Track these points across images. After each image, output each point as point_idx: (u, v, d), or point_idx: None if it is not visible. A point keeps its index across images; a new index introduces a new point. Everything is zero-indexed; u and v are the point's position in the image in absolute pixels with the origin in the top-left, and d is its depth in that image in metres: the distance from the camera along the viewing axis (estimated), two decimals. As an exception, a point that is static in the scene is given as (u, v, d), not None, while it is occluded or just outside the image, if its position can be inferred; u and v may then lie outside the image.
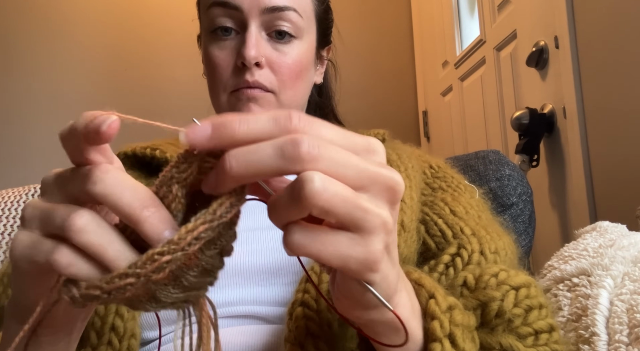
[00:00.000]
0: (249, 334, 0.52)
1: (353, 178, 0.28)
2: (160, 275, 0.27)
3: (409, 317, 0.36)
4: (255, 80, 0.65)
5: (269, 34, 0.67)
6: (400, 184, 0.30)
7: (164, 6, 2.40)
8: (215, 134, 0.27)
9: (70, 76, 2.33)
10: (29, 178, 1.95)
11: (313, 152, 0.27)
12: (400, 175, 0.30)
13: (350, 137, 0.30)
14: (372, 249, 0.28)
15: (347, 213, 0.27)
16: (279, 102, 0.68)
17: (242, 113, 0.28)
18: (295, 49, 0.68)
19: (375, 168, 0.29)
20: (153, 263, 0.27)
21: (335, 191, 0.27)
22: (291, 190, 0.27)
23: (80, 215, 0.28)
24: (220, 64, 0.67)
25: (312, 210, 0.27)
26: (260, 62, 0.66)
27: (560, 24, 1.41)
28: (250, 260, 0.56)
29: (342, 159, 0.28)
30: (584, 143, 1.35)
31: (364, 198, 0.28)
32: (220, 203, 0.28)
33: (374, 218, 0.28)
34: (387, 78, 2.49)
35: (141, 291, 0.28)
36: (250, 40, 0.65)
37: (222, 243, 0.29)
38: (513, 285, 0.46)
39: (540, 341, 0.45)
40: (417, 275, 0.41)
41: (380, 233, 0.29)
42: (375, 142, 0.31)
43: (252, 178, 0.27)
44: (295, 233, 0.28)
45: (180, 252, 0.27)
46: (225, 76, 0.67)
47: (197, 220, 0.27)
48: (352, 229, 0.28)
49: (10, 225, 1.00)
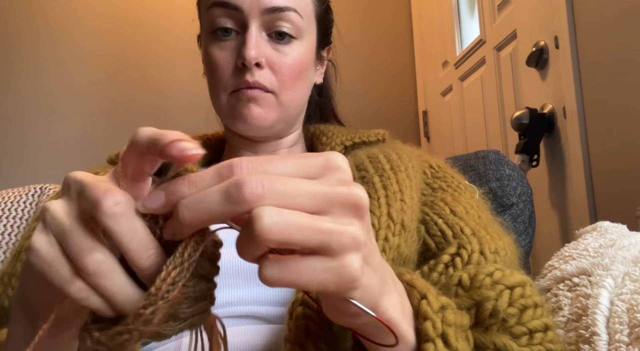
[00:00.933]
0: (249, 334, 0.52)
1: (309, 205, 0.28)
2: (150, 327, 0.28)
3: (400, 319, 0.36)
4: (255, 81, 0.65)
5: (269, 35, 0.67)
6: (361, 197, 0.30)
7: (163, 6, 2.40)
8: (168, 200, 0.29)
9: (70, 76, 2.33)
10: (29, 178, 1.96)
11: (257, 191, 0.27)
12: (361, 188, 0.30)
13: (303, 162, 0.30)
14: (348, 269, 0.29)
15: (308, 240, 0.28)
16: (279, 102, 0.68)
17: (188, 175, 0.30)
18: (295, 50, 0.68)
19: (330, 188, 0.29)
20: (140, 317, 0.28)
21: (288, 221, 0.27)
22: (245, 229, 0.28)
23: (91, 254, 0.29)
24: (220, 64, 0.67)
25: (268, 244, 0.27)
26: (261, 62, 0.66)
27: (560, 24, 1.41)
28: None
29: (291, 189, 0.28)
30: (584, 143, 1.35)
31: (325, 220, 0.28)
32: (185, 246, 0.29)
33: (341, 237, 0.28)
34: (387, 78, 2.49)
35: (145, 336, 0.30)
36: (251, 41, 0.65)
37: (199, 272, 0.31)
38: (508, 285, 0.46)
39: (535, 341, 0.45)
40: (409, 277, 0.41)
41: (351, 250, 0.29)
42: (335, 158, 0.31)
43: (205, 224, 0.29)
44: (267, 268, 0.28)
45: (161, 300, 0.28)
46: (226, 76, 0.67)
47: (168, 266, 0.29)
48: (321, 253, 0.28)
49: (10, 225, 1.00)
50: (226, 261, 0.56)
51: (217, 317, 0.33)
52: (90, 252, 0.29)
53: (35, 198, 1.05)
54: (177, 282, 0.29)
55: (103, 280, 0.29)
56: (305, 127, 0.79)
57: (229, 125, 0.72)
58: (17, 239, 0.99)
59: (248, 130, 0.69)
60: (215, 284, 0.32)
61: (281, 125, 0.71)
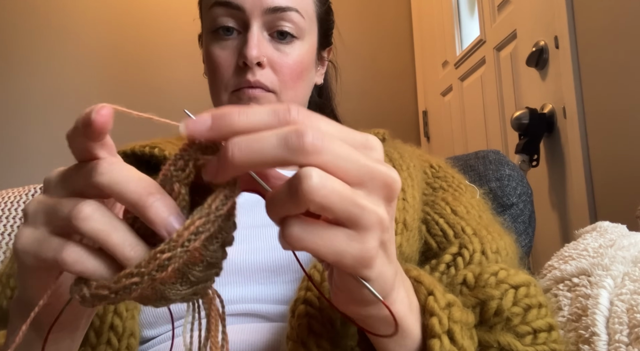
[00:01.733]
0: (250, 332, 0.52)
1: (353, 173, 0.28)
2: (164, 274, 0.27)
3: (406, 314, 0.36)
4: (256, 80, 0.66)
5: (271, 34, 0.67)
6: (397, 181, 0.30)
7: (164, 6, 2.40)
8: (215, 125, 0.28)
9: (70, 76, 2.33)
10: (29, 178, 1.96)
11: (317, 143, 0.27)
12: (397, 172, 0.30)
13: (349, 133, 0.30)
14: (367, 246, 0.29)
15: (344, 210, 0.28)
16: (280, 102, 0.68)
17: (241, 106, 0.29)
18: (296, 50, 0.68)
19: (374, 164, 0.29)
20: (155, 260, 0.27)
21: (333, 188, 0.27)
22: (289, 186, 0.27)
23: (86, 204, 0.29)
24: (221, 63, 0.67)
25: (309, 205, 0.27)
26: (262, 62, 0.66)
27: (560, 24, 1.42)
28: (250, 258, 0.56)
29: (344, 153, 0.28)
30: (584, 143, 1.35)
31: (360, 195, 0.28)
32: (214, 197, 0.28)
33: (370, 215, 0.28)
34: (387, 78, 2.49)
35: (149, 291, 0.29)
36: (252, 40, 0.65)
37: (224, 236, 0.30)
38: (512, 284, 0.46)
39: (539, 340, 0.45)
40: (416, 273, 0.42)
41: (375, 230, 0.29)
42: (373, 139, 0.31)
43: (254, 167, 0.28)
44: (293, 226, 0.28)
45: (180, 248, 0.27)
46: (227, 76, 0.68)
47: (194, 215, 0.28)
48: (348, 225, 0.28)
49: (10, 225, 1.00)
50: (226, 259, 0.57)
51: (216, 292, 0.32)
52: (84, 201, 0.29)
53: (36, 198, 1.05)
54: (200, 233, 0.27)
55: (97, 223, 0.28)
56: None
57: None
58: (17, 239, 0.99)
59: None
60: (227, 254, 0.31)
61: None
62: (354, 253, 0.29)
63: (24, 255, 0.30)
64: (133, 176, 0.29)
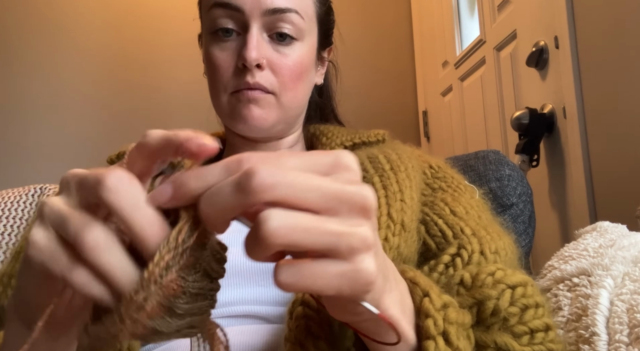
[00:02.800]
0: (248, 334, 0.52)
1: (317, 202, 0.28)
2: (142, 314, 0.28)
3: (399, 317, 0.36)
4: (256, 82, 0.65)
5: (270, 36, 0.67)
6: (369, 198, 0.29)
7: (163, 6, 2.40)
8: (176, 194, 0.29)
9: (70, 76, 2.33)
10: (29, 178, 1.96)
11: (267, 181, 0.27)
12: (369, 188, 0.30)
13: (315, 159, 0.30)
14: (362, 271, 0.28)
15: (314, 242, 0.27)
16: (280, 103, 0.68)
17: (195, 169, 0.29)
18: (296, 51, 0.68)
19: (340, 187, 0.29)
20: (132, 303, 0.27)
21: (295, 224, 0.27)
22: (253, 232, 0.27)
23: (91, 230, 0.29)
24: (221, 65, 0.67)
25: (275, 248, 0.27)
26: (261, 63, 0.66)
27: (560, 24, 1.42)
28: (249, 259, 0.56)
29: (302, 183, 0.28)
30: (584, 143, 1.35)
31: (332, 222, 0.28)
32: (178, 230, 0.29)
33: (350, 239, 0.28)
34: (387, 78, 2.49)
35: (141, 330, 0.29)
36: (252, 42, 0.65)
37: (202, 265, 0.30)
38: (509, 284, 0.46)
39: (536, 340, 0.45)
40: (412, 274, 0.41)
41: (362, 252, 0.28)
42: (345, 157, 0.30)
43: (224, 216, 0.28)
44: (282, 273, 0.28)
45: (154, 285, 0.27)
46: (226, 77, 0.67)
47: (162, 250, 0.28)
48: (332, 255, 0.28)
49: (10, 225, 1.00)
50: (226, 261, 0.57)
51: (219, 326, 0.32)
52: (90, 228, 0.29)
53: (35, 199, 1.05)
54: (170, 267, 0.28)
55: (103, 256, 0.28)
56: (305, 127, 0.79)
57: (229, 126, 0.72)
58: (17, 239, 0.99)
59: (248, 131, 0.69)
60: (219, 286, 0.31)
61: (281, 126, 0.71)
62: (350, 283, 0.28)
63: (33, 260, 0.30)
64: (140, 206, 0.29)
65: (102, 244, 0.29)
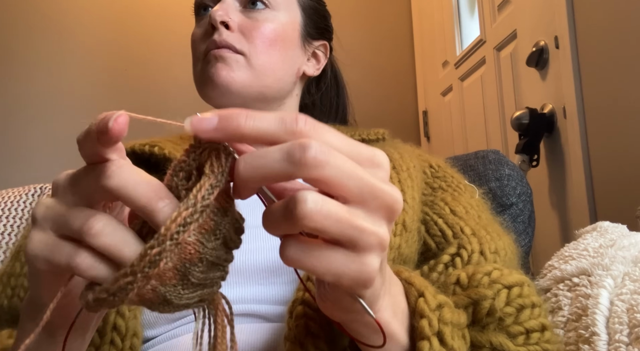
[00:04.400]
0: (248, 333, 0.52)
1: (354, 191, 0.28)
2: (156, 270, 0.27)
3: (390, 319, 0.36)
4: (222, 39, 0.65)
5: (244, 6, 0.68)
6: (399, 202, 0.29)
7: (164, 6, 2.40)
8: (221, 126, 0.27)
9: (71, 76, 2.33)
10: (29, 178, 1.96)
11: (320, 158, 0.26)
12: (400, 192, 0.30)
13: (356, 147, 0.29)
14: (367, 268, 0.28)
15: (341, 233, 0.27)
16: (250, 65, 0.66)
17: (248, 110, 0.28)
18: (269, 18, 0.68)
19: (378, 183, 0.29)
20: (145, 257, 0.27)
21: (329, 211, 0.27)
22: (285, 207, 0.27)
23: (97, 219, 0.29)
24: (196, 38, 0.69)
25: (304, 229, 0.27)
26: (227, 22, 0.66)
27: (561, 24, 1.41)
28: (249, 258, 0.56)
29: (348, 169, 0.28)
30: (584, 143, 1.35)
31: (360, 216, 0.28)
32: (199, 187, 0.28)
33: (370, 237, 0.28)
34: (387, 78, 2.49)
35: (150, 294, 0.28)
36: (221, 4, 0.66)
37: (222, 232, 0.29)
38: (505, 284, 0.46)
39: (532, 341, 0.44)
40: (407, 274, 0.42)
41: (375, 251, 0.29)
42: (381, 155, 0.30)
43: (260, 181, 0.28)
44: (291, 247, 0.28)
45: (169, 241, 0.27)
46: (199, 47, 0.68)
47: (180, 207, 0.27)
48: (347, 246, 0.28)
49: (10, 225, 1.00)
50: None
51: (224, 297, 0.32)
52: (95, 216, 0.29)
53: (35, 198, 1.05)
54: (187, 224, 0.27)
55: (109, 238, 0.28)
56: None
57: (202, 97, 0.70)
58: (17, 239, 1.00)
59: (217, 96, 0.66)
60: (233, 258, 0.31)
61: (255, 94, 0.67)
62: (353, 275, 0.28)
63: (35, 260, 0.30)
64: (142, 180, 0.29)
65: (107, 229, 0.28)
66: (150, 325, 0.54)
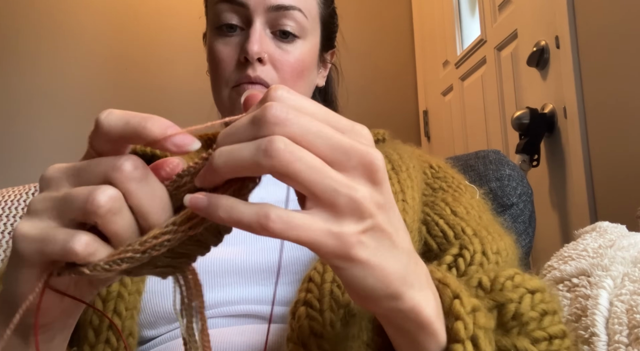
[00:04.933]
0: (250, 333, 0.52)
1: (325, 150, 0.27)
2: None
3: (435, 318, 0.35)
4: (257, 76, 0.66)
5: (274, 33, 0.68)
6: (378, 159, 0.29)
7: (165, 5, 2.40)
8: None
9: (72, 75, 2.33)
10: (29, 177, 1.95)
11: (280, 115, 0.27)
12: (380, 153, 0.29)
13: (335, 116, 0.29)
14: (344, 235, 0.27)
15: (316, 183, 0.27)
16: None
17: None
18: (298, 49, 0.68)
19: (350, 142, 0.28)
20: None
21: (301, 156, 0.26)
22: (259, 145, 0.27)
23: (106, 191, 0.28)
24: (223, 59, 0.68)
25: (273, 170, 0.26)
26: (263, 58, 0.66)
27: (561, 24, 1.41)
28: (250, 259, 0.56)
29: (314, 128, 0.27)
30: (585, 143, 1.35)
31: (335, 173, 0.27)
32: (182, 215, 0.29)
33: (350, 192, 0.27)
34: (387, 78, 2.49)
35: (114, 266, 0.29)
36: (254, 36, 0.65)
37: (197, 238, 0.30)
38: (529, 288, 0.45)
39: (553, 347, 0.43)
40: (440, 275, 0.40)
41: (355, 215, 0.28)
42: (361, 127, 0.30)
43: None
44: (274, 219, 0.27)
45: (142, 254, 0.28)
46: (228, 71, 0.68)
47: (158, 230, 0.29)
48: (325, 207, 0.27)
49: (11, 224, 1.00)
50: (226, 260, 0.56)
51: None
52: (103, 189, 0.28)
53: (36, 197, 1.05)
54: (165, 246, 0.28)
55: (117, 217, 0.28)
56: None
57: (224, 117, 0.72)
58: (17, 238, 0.99)
59: None
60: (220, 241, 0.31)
61: None
62: (331, 243, 0.27)
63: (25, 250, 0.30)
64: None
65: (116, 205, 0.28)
66: (150, 325, 0.54)
